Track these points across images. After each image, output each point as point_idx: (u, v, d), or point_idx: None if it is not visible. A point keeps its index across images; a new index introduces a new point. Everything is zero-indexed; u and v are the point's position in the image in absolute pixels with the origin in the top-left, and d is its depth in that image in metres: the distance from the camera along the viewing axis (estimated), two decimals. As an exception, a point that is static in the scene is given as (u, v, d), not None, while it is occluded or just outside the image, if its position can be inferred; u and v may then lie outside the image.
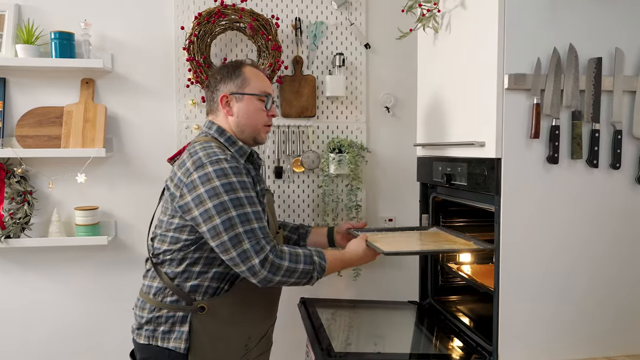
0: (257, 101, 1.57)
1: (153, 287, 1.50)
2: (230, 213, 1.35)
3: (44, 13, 2.21)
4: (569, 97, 1.43)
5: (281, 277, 1.39)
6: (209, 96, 1.60)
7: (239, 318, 1.51)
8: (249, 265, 1.36)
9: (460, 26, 1.66)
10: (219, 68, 1.63)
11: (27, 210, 2.17)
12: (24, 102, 2.21)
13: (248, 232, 1.36)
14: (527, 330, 1.47)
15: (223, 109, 1.56)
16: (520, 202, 1.44)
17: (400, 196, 2.48)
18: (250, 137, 1.58)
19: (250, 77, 1.57)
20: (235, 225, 1.35)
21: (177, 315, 1.46)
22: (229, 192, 1.36)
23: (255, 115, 1.57)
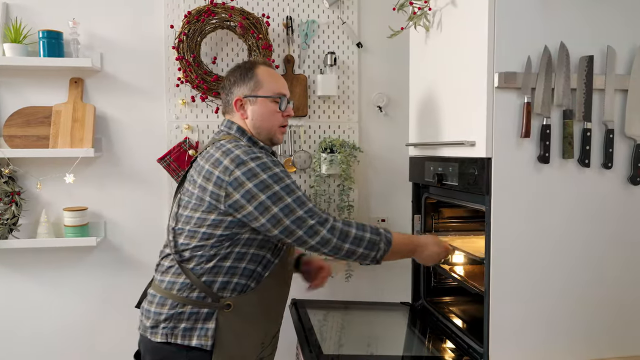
0: (271, 103, 1.55)
1: (177, 283, 1.46)
2: (286, 200, 1.39)
3: (32, 12, 2.18)
4: (560, 95, 1.42)
5: (350, 244, 1.42)
6: (224, 98, 1.60)
7: (260, 316, 1.52)
8: (318, 239, 1.39)
9: (451, 24, 1.64)
10: (233, 69, 1.61)
11: (15, 211, 2.14)
12: (11, 101, 2.19)
13: (307, 211, 1.40)
14: (518, 331, 1.45)
15: (238, 112, 1.56)
16: (510, 202, 1.42)
17: (393, 196, 2.46)
18: (267, 138, 1.57)
19: (264, 79, 1.56)
20: (295, 209, 1.39)
21: (201, 312, 1.44)
22: (278, 182, 1.39)
23: (270, 118, 1.56)
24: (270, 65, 1.64)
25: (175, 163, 2.24)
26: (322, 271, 1.77)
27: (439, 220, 2.03)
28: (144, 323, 1.51)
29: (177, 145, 2.24)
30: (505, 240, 1.43)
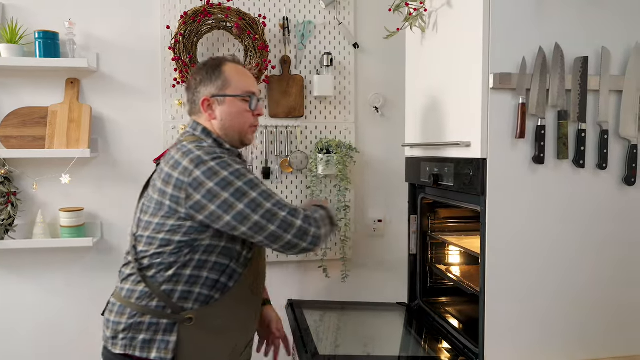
0: (241, 102, 1.48)
1: (137, 291, 1.40)
2: (251, 195, 1.32)
3: (27, 12, 2.18)
4: (555, 96, 1.42)
5: (324, 228, 1.40)
6: (190, 98, 1.52)
7: (227, 328, 1.44)
8: (294, 231, 1.33)
9: (447, 25, 1.64)
10: (198, 68, 1.53)
11: (11, 211, 2.13)
12: (7, 102, 2.18)
13: (276, 204, 1.33)
14: (514, 332, 1.45)
15: (205, 113, 1.47)
16: (505, 203, 1.42)
17: (390, 197, 2.47)
18: (237, 140, 1.50)
19: (232, 77, 1.48)
20: (262, 202, 1.32)
21: (161, 323, 1.37)
22: (240, 178, 1.33)
23: (240, 118, 1.48)
24: (239, 62, 1.55)
25: (171, 164, 2.23)
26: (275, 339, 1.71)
27: (435, 220, 2.03)
28: (105, 333, 1.46)
29: (173, 146, 2.24)
30: (501, 240, 1.43)
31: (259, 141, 2.33)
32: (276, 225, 1.32)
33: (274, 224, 1.32)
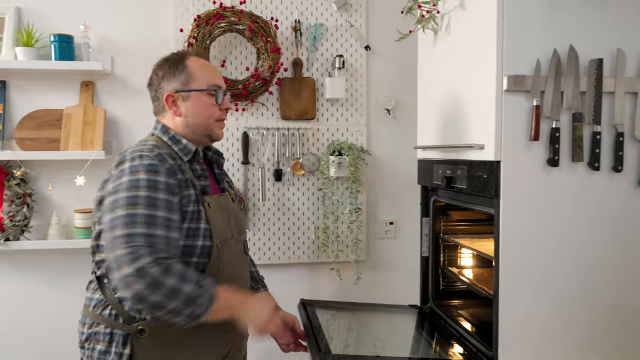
0: (206, 96, 1.40)
1: (94, 299, 1.34)
2: (120, 212, 1.18)
3: (43, 16, 2.21)
4: (570, 98, 1.41)
5: (159, 296, 1.13)
6: (153, 95, 1.44)
7: (187, 340, 1.32)
8: (118, 275, 1.13)
9: (459, 27, 1.64)
10: (160, 63, 1.44)
11: (26, 212, 2.16)
12: (23, 104, 2.21)
13: (132, 235, 1.15)
14: (528, 335, 1.44)
15: (170, 109, 1.39)
16: (519, 205, 1.41)
17: (401, 199, 2.46)
18: (204, 136, 1.42)
19: (195, 71, 1.39)
20: (119, 225, 1.17)
21: (115, 333, 1.29)
22: (132, 189, 1.20)
23: (206, 112, 1.40)
24: (203, 55, 1.48)
25: (184, 165, 2.25)
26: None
27: (447, 223, 2.02)
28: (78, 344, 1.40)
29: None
30: (515, 243, 1.42)
31: (271, 143, 2.33)
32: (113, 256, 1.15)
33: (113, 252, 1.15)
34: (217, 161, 1.53)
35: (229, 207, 1.47)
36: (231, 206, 1.49)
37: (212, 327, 1.29)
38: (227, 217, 1.44)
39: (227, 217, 1.44)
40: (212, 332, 1.33)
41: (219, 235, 1.36)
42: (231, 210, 1.48)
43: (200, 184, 1.37)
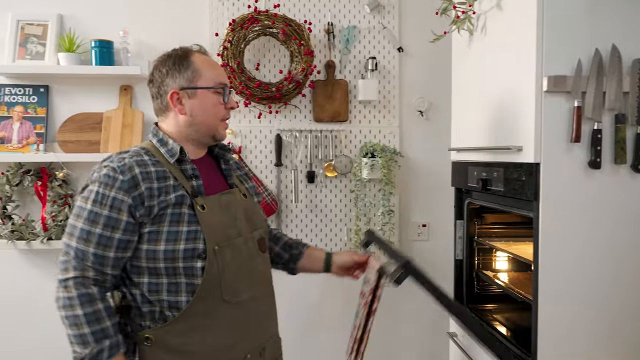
0: (213, 94, 1.34)
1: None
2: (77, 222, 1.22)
3: (84, 22, 2.28)
4: (612, 99, 1.38)
5: (64, 316, 1.19)
6: (155, 93, 1.36)
7: (196, 349, 1.27)
8: (56, 278, 1.22)
9: (497, 28, 1.62)
10: (163, 59, 1.36)
11: (67, 213, 2.24)
12: (65, 108, 2.29)
13: (74, 249, 1.21)
14: (567, 341, 1.41)
15: (174, 107, 1.32)
16: (560, 209, 1.39)
17: (434, 202, 2.44)
18: (207, 135, 1.36)
19: (202, 68, 1.33)
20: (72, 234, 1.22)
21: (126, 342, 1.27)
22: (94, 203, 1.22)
23: (213, 111, 1.34)
24: (206, 52, 1.42)
25: (218, 167, 2.29)
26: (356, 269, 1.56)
27: (482, 225, 2.00)
28: None
29: (220, 150, 2.30)
30: (554, 247, 1.39)
31: (304, 145, 2.35)
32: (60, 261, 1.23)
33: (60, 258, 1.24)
34: (223, 156, 1.45)
35: (236, 205, 1.39)
36: (239, 203, 1.40)
37: (222, 335, 1.29)
38: (232, 215, 1.35)
39: (232, 215, 1.35)
40: (222, 340, 1.30)
41: (215, 237, 1.28)
42: (239, 207, 1.39)
43: (191, 184, 1.30)
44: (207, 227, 1.27)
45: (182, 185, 1.28)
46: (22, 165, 2.22)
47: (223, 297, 1.29)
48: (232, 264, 1.30)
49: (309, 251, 1.59)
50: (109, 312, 1.23)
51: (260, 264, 1.41)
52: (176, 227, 1.25)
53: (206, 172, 1.38)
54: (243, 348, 1.34)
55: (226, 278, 1.29)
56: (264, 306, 1.42)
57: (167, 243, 1.24)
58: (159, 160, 1.29)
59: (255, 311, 1.37)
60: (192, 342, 1.26)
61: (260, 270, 1.41)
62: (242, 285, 1.33)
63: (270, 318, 1.45)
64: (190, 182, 1.31)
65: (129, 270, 1.27)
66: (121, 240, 1.22)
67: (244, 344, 1.34)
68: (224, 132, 1.39)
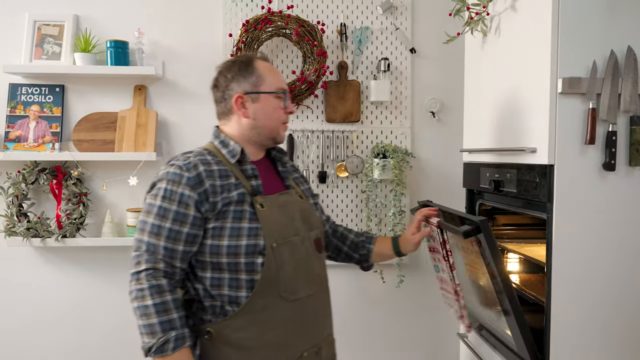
0: (275, 99, 1.41)
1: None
2: (148, 218, 1.29)
3: (100, 23, 2.31)
4: (627, 101, 1.38)
5: (136, 307, 1.25)
6: (219, 97, 1.43)
7: (254, 344, 1.32)
8: (129, 272, 1.28)
9: (511, 29, 1.62)
10: (228, 65, 1.43)
11: (82, 211, 2.27)
12: (80, 107, 2.32)
13: (146, 243, 1.27)
14: (580, 345, 1.41)
15: (238, 111, 1.40)
16: (573, 211, 1.38)
17: (446, 202, 2.41)
18: (268, 138, 1.43)
19: (265, 73, 1.41)
20: (143, 229, 1.29)
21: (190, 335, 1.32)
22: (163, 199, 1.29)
23: (274, 115, 1.42)
24: (267, 59, 1.48)
25: (231, 167, 2.30)
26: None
27: (494, 227, 1.99)
28: None
29: (233, 150, 2.31)
30: (568, 249, 1.39)
31: (316, 145, 2.36)
32: (132, 256, 1.29)
33: (133, 253, 1.29)
34: (280, 159, 1.52)
35: (293, 205, 1.44)
36: (297, 203, 1.45)
37: (281, 332, 1.33)
38: (289, 215, 1.40)
39: (289, 215, 1.40)
40: (279, 337, 1.34)
41: (274, 235, 1.33)
42: (296, 208, 1.44)
43: (251, 184, 1.36)
44: (266, 225, 1.33)
45: (243, 184, 1.35)
46: (37, 164, 2.25)
47: (281, 294, 1.33)
48: (289, 261, 1.35)
49: (376, 247, 1.64)
50: (176, 304, 1.27)
51: (316, 264, 1.45)
52: (238, 224, 1.31)
53: (265, 173, 1.44)
54: (300, 346, 1.37)
55: (283, 275, 1.34)
56: (320, 305, 1.45)
57: (230, 239, 1.30)
58: (221, 160, 1.37)
59: (311, 310, 1.41)
60: (251, 337, 1.31)
61: (317, 270, 1.45)
62: (299, 283, 1.37)
63: (325, 317, 1.49)
64: (250, 181, 1.37)
65: (194, 265, 1.34)
66: (189, 234, 1.28)
67: (301, 342, 1.38)
68: (284, 134, 1.47)
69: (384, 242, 1.65)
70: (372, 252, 1.64)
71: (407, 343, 2.48)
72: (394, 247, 1.62)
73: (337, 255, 1.69)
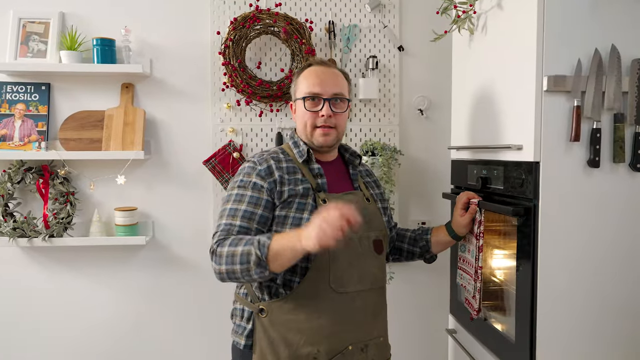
0: (301, 104, 1.52)
1: None
2: (227, 205, 1.43)
3: (86, 20, 2.29)
4: (611, 99, 1.40)
5: (225, 264, 1.31)
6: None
7: (302, 327, 1.40)
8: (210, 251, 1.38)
9: (497, 27, 1.64)
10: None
11: (69, 210, 2.25)
12: (67, 106, 2.30)
13: (223, 225, 1.40)
14: (568, 344, 1.43)
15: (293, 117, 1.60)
16: (559, 207, 1.40)
17: (433, 199, 2.46)
18: (307, 141, 1.53)
19: (300, 80, 1.54)
20: (222, 215, 1.42)
21: (245, 310, 1.48)
22: (239, 188, 1.44)
23: (301, 120, 1.52)
24: (320, 62, 1.56)
25: (220, 165, 2.30)
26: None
27: (481, 223, 2.01)
28: None
29: (222, 148, 2.31)
30: (553, 245, 1.41)
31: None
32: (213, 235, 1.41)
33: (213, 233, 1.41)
34: (352, 162, 1.61)
35: (356, 205, 1.39)
36: (360, 204, 1.49)
37: (326, 321, 1.41)
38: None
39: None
40: (326, 325, 1.41)
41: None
42: (358, 208, 1.37)
43: (317, 181, 1.48)
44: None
45: (309, 181, 1.47)
46: (23, 163, 2.23)
47: (330, 285, 1.41)
48: (342, 255, 1.42)
49: (433, 237, 1.73)
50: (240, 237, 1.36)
51: (372, 263, 1.50)
52: (300, 215, 1.42)
53: (334, 174, 1.55)
54: (346, 338, 1.44)
55: (335, 267, 1.41)
56: (371, 304, 1.50)
57: (292, 227, 1.41)
58: (292, 158, 1.51)
59: (360, 306, 1.46)
60: (299, 320, 1.41)
61: (372, 269, 1.50)
62: (350, 278, 1.44)
63: (376, 319, 1.52)
64: (316, 179, 1.49)
65: None
66: (262, 215, 1.41)
67: (347, 335, 1.44)
68: (320, 138, 1.51)
69: (440, 230, 1.73)
70: (430, 242, 1.72)
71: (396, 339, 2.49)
72: (449, 232, 1.70)
73: (400, 254, 1.77)
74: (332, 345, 1.41)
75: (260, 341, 1.43)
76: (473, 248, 1.69)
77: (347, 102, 1.55)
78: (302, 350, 1.40)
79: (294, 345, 1.41)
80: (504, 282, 1.82)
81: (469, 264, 1.73)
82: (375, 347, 1.50)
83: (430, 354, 2.52)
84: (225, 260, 1.31)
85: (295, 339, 1.41)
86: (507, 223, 2.00)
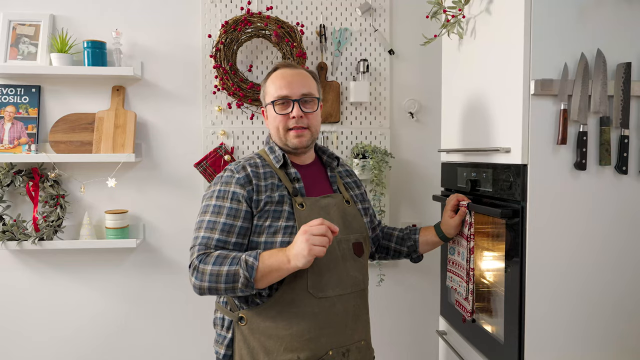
0: (272, 108, 1.49)
1: None
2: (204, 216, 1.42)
3: (77, 23, 2.28)
4: (597, 102, 1.42)
5: (208, 282, 1.31)
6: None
7: (282, 334, 1.39)
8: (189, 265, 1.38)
9: (486, 32, 1.65)
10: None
11: (59, 213, 2.24)
12: (57, 108, 2.29)
13: (201, 237, 1.38)
14: (555, 342, 1.45)
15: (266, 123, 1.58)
16: (546, 209, 1.42)
17: (424, 202, 2.48)
18: (283, 144, 1.51)
19: (269, 85, 1.51)
20: (199, 228, 1.41)
21: (225, 319, 1.47)
22: (213, 199, 1.42)
23: (274, 123, 1.50)
24: (287, 65, 1.53)
25: (211, 168, 2.30)
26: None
27: (471, 226, 2.02)
28: None
29: (213, 151, 2.31)
30: (541, 247, 1.43)
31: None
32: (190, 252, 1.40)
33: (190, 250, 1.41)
34: (329, 164, 1.59)
35: (335, 208, 1.49)
36: (339, 206, 1.50)
37: (307, 327, 1.39)
38: (329, 217, 1.44)
39: (329, 217, 1.44)
40: (306, 331, 1.39)
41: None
42: (337, 211, 1.49)
43: (294, 186, 1.46)
44: (301, 223, 1.39)
45: (285, 186, 1.45)
46: (13, 166, 2.22)
47: (309, 290, 1.39)
48: (320, 260, 1.38)
49: (422, 237, 1.73)
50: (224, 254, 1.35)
51: (352, 267, 1.48)
52: (277, 223, 1.41)
53: (312, 177, 1.53)
54: (326, 343, 1.41)
55: (312, 272, 1.39)
56: (351, 308, 1.47)
57: (268, 236, 1.40)
58: (268, 164, 1.49)
59: (340, 310, 1.44)
60: (278, 326, 1.39)
61: (352, 272, 1.47)
62: (328, 282, 1.42)
63: (357, 322, 1.49)
64: (293, 184, 1.46)
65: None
66: (242, 227, 1.39)
67: (327, 340, 1.41)
68: (295, 140, 1.48)
69: (428, 231, 1.73)
70: (418, 242, 1.72)
71: (386, 341, 2.51)
72: (437, 233, 1.71)
73: (386, 253, 1.77)
74: (313, 351, 1.39)
75: (240, 350, 1.42)
76: (463, 250, 1.71)
77: (317, 101, 1.51)
78: (282, 357, 1.38)
79: (273, 353, 1.39)
80: (494, 284, 1.84)
81: (460, 266, 1.75)
82: (357, 351, 1.48)
83: (421, 356, 2.53)
84: (209, 279, 1.32)
85: (274, 346, 1.39)
86: (496, 225, 2.03)
